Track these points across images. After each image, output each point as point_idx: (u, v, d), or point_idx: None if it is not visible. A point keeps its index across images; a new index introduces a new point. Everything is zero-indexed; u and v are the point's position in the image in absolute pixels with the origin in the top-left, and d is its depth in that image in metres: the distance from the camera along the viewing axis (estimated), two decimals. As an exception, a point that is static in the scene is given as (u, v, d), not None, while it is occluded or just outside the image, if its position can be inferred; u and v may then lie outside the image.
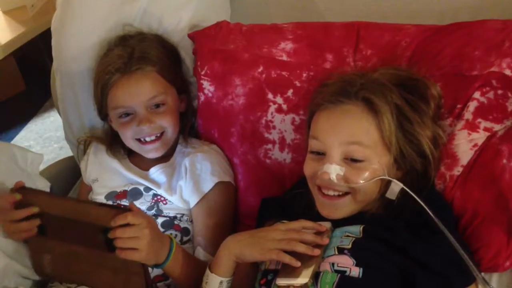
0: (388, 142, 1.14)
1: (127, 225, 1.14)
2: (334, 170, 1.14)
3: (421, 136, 1.16)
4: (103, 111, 1.48)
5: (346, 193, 1.16)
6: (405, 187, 1.12)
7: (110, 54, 1.46)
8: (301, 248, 1.10)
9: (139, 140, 1.43)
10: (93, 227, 1.17)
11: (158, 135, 1.43)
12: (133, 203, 1.21)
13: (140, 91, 1.40)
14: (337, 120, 1.16)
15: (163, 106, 1.42)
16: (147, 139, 1.43)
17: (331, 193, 1.16)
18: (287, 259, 1.09)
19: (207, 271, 1.17)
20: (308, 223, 1.15)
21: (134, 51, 1.43)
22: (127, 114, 1.42)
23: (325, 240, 1.12)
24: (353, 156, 1.14)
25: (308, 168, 1.20)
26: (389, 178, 1.14)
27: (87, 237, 1.20)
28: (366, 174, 1.13)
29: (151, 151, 1.45)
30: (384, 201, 1.18)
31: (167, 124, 1.43)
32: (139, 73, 1.40)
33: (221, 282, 1.15)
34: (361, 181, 1.13)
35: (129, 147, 1.48)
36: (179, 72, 1.52)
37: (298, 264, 1.09)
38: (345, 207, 1.17)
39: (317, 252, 1.10)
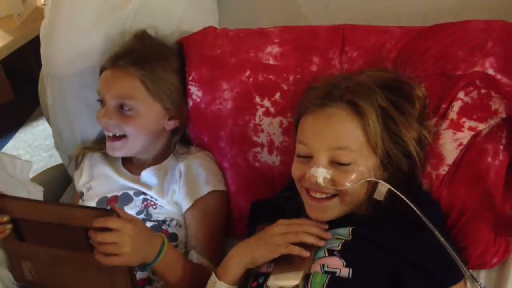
0: (374, 144, 1.15)
1: (108, 229, 1.12)
2: (321, 174, 1.14)
3: (406, 137, 1.16)
4: None
5: (333, 195, 1.17)
6: (392, 188, 1.13)
7: (125, 43, 1.48)
8: (309, 239, 1.11)
9: (106, 134, 1.44)
10: (74, 229, 1.15)
11: (117, 134, 1.42)
12: (115, 205, 1.19)
13: (112, 85, 1.41)
14: (322, 124, 1.17)
15: (130, 111, 1.41)
16: (106, 133, 1.44)
17: (318, 195, 1.17)
18: (297, 250, 1.10)
19: (214, 278, 1.17)
20: (309, 221, 1.16)
21: (137, 51, 1.43)
22: (102, 103, 1.43)
23: (328, 235, 1.14)
24: (339, 160, 1.14)
25: (296, 171, 1.21)
26: (376, 180, 1.15)
27: (68, 240, 1.19)
28: (353, 176, 1.14)
29: (110, 148, 1.45)
30: (372, 202, 1.19)
31: (128, 130, 1.42)
32: (121, 71, 1.41)
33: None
34: (348, 184, 1.14)
35: None
36: (175, 92, 1.47)
37: (308, 254, 1.10)
38: (333, 209, 1.18)
39: (322, 243, 1.12)
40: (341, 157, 1.14)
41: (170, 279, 1.26)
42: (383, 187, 1.15)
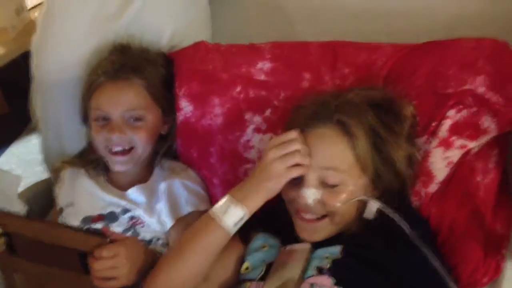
0: (363, 164, 1.14)
1: None
2: (311, 195, 1.14)
3: (395, 156, 1.16)
4: (85, 113, 1.48)
5: (323, 216, 1.16)
6: (381, 207, 1.13)
7: (107, 57, 1.47)
8: (304, 160, 1.12)
9: (109, 149, 1.42)
10: (68, 251, 1.16)
11: (127, 148, 1.41)
12: (107, 228, 1.20)
13: (121, 100, 1.40)
14: (313, 145, 1.16)
15: (140, 122, 1.41)
16: (114, 149, 1.41)
17: (309, 216, 1.16)
18: (298, 171, 1.12)
19: (228, 201, 1.14)
20: (294, 136, 1.14)
21: (130, 61, 1.43)
22: (104, 119, 1.41)
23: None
24: (328, 181, 1.14)
25: (287, 193, 1.19)
26: (366, 199, 1.15)
27: (61, 260, 1.19)
28: (343, 196, 1.14)
29: (117, 164, 1.43)
30: (362, 221, 1.18)
31: (139, 140, 1.41)
32: (125, 82, 1.41)
33: (241, 219, 1.13)
34: (338, 204, 1.13)
35: (101, 154, 1.46)
36: (169, 94, 1.49)
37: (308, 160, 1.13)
38: (323, 230, 1.17)
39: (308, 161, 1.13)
40: (329, 178, 1.14)
41: None
42: (373, 206, 1.15)
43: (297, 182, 1.16)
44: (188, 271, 1.15)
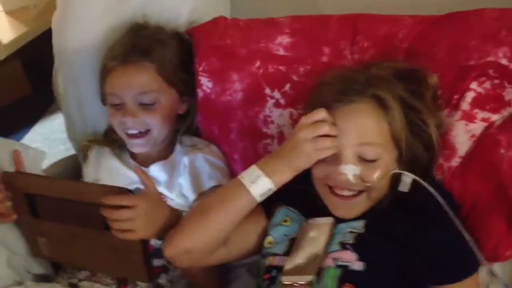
0: (397, 136, 1.14)
1: (123, 206, 1.14)
2: (350, 170, 1.12)
3: (428, 125, 1.16)
4: (103, 95, 1.49)
5: (360, 192, 1.15)
6: (417, 178, 1.12)
7: (120, 39, 1.47)
8: (332, 142, 1.10)
9: (125, 132, 1.43)
10: (90, 206, 1.16)
11: (142, 131, 1.42)
12: (138, 169, 1.24)
13: (132, 83, 1.40)
14: (346, 121, 1.13)
15: (153, 104, 1.41)
16: (129, 132, 1.42)
17: (346, 193, 1.15)
18: (329, 152, 1.11)
19: (258, 171, 1.13)
20: (321, 116, 1.12)
21: (140, 43, 1.43)
22: (118, 103, 1.42)
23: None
24: (366, 156, 1.13)
25: (319, 170, 1.17)
26: (402, 172, 1.14)
27: (84, 217, 1.20)
28: (381, 170, 1.13)
29: (135, 146, 1.45)
30: (393, 195, 1.17)
31: (153, 122, 1.41)
32: (135, 66, 1.40)
33: (269, 190, 1.12)
34: (376, 179, 1.12)
35: (120, 136, 1.48)
36: (186, 74, 1.49)
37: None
38: (359, 206, 1.16)
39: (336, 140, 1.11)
40: (367, 153, 1.13)
41: None
42: (408, 178, 1.13)
43: (330, 159, 1.15)
44: (210, 233, 1.15)
